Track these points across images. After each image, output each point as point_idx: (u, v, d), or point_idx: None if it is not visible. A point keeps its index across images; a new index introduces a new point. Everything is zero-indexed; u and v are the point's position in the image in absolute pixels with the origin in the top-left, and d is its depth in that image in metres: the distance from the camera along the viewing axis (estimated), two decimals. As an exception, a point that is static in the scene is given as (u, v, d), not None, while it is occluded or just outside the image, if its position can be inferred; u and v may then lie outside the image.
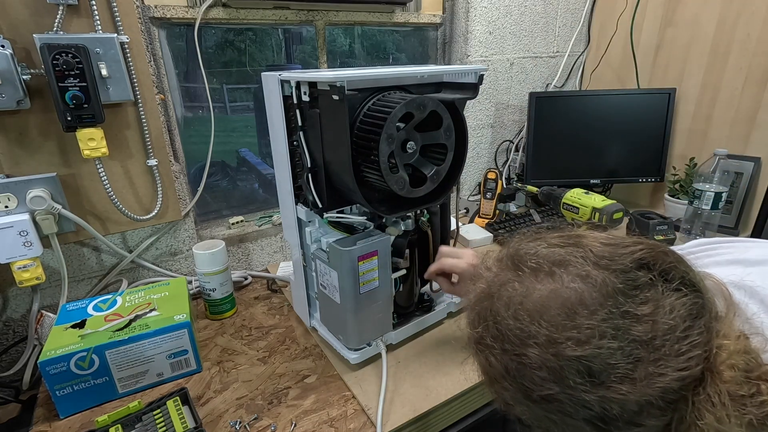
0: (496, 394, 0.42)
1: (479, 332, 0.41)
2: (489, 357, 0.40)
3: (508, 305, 0.39)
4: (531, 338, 0.37)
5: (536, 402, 0.38)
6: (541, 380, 0.37)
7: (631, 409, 0.35)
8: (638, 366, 0.34)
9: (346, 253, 0.63)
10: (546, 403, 0.37)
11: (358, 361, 0.70)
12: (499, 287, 0.41)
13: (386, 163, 0.56)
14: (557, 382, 0.36)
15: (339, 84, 0.53)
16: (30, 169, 0.76)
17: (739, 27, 1.13)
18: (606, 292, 0.36)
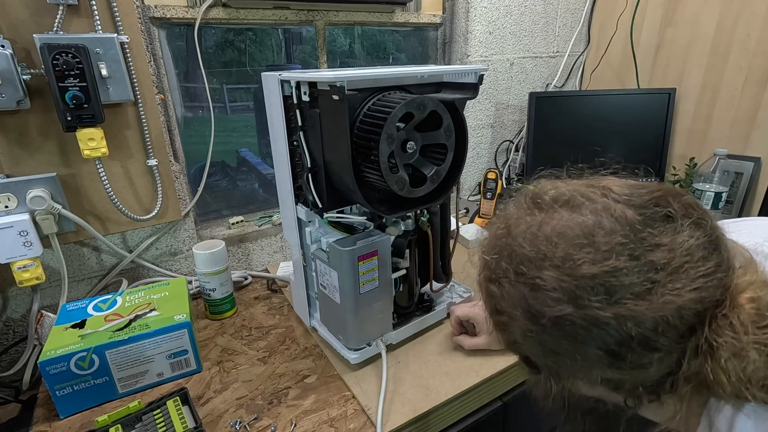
0: (506, 332, 0.42)
1: (493, 263, 0.41)
2: (502, 286, 0.40)
3: (526, 232, 0.39)
4: (547, 260, 0.37)
5: (547, 329, 0.37)
6: (554, 301, 0.36)
7: (647, 327, 0.34)
8: (655, 286, 0.34)
9: (346, 253, 0.63)
10: (558, 329, 0.37)
11: (358, 361, 0.70)
12: (516, 220, 0.41)
13: (386, 163, 0.56)
14: (571, 302, 0.35)
15: (339, 84, 0.53)
16: (30, 169, 0.76)
17: (739, 27, 1.13)
18: (624, 221, 0.36)
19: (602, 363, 0.37)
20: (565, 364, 0.39)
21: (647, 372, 0.37)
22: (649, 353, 0.35)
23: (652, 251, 0.35)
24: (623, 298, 0.34)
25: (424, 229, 0.75)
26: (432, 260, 0.78)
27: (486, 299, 0.44)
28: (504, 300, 0.40)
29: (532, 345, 0.40)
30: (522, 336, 0.40)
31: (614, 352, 0.36)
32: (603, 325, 0.35)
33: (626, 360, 0.36)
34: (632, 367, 0.36)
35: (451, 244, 0.83)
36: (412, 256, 0.75)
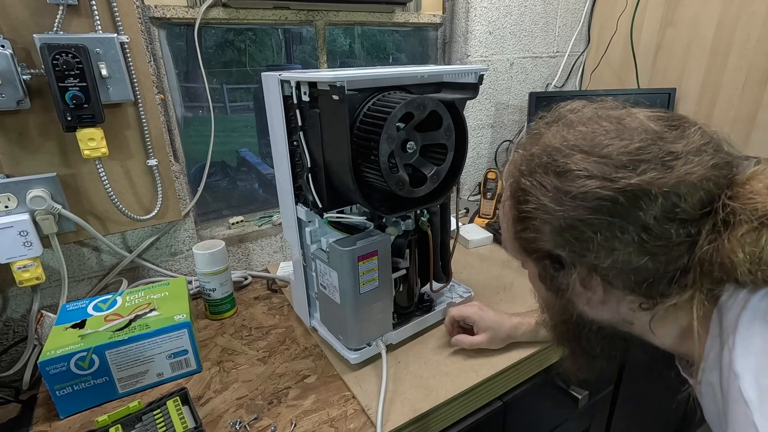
0: (530, 228, 0.44)
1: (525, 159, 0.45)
2: (533, 176, 0.43)
3: (556, 133, 0.44)
4: (576, 148, 0.41)
5: (575, 207, 0.39)
6: (582, 179, 0.39)
7: (669, 194, 0.37)
8: (675, 163, 0.38)
9: (346, 253, 0.63)
10: (585, 205, 0.39)
11: (358, 361, 0.70)
12: (547, 127, 0.46)
13: (386, 163, 0.56)
14: (598, 178, 0.38)
15: (339, 84, 0.53)
16: (30, 169, 0.76)
17: (739, 27, 1.13)
18: (647, 125, 0.41)
19: (626, 239, 0.39)
20: (589, 248, 0.40)
21: (669, 253, 0.38)
22: (671, 224, 0.38)
23: (671, 143, 0.39)
24: (647, 171, 0.38)
25: (424, 229, 0.75)
26: (432, 260, 0.78)
27: (512, 199, 0.46)
28: (533, 189, 0.42)
29: (557, 233, 0.42)
30: (548, 225, 0.42)
31: (638, 222, 0.38)
32: (627, 194, 0.38)
33: (650, 232, 0.38)
34: (656, 242, 0.38)
35: (451, 244, 0.83)
36: (412, 256, 0.75)
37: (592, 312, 0.47)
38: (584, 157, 0.40)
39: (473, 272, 1.00)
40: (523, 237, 0.46)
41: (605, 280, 0.42)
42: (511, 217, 0.47)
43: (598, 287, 0.43)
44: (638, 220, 0.38)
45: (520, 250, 0.49)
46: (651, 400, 1.21)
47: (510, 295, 0.90)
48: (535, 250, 0.45)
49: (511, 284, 0.94)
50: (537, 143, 0.45)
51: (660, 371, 1.17)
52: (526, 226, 0.44)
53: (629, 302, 0.44)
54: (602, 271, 0.41)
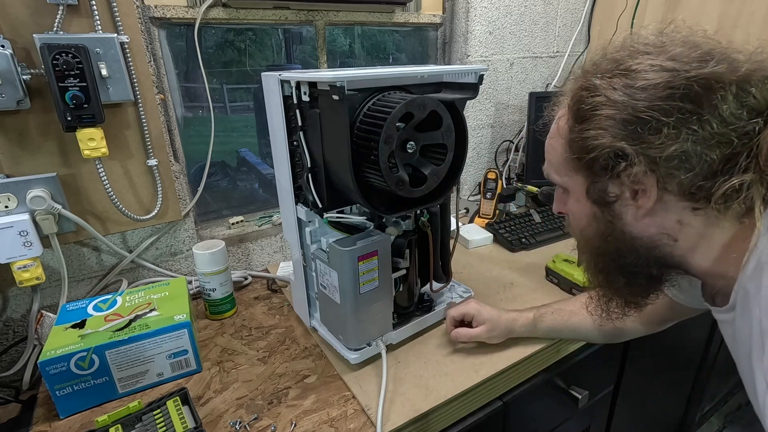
0: (593, 122, 0.44)
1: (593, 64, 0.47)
2: (603, 78, 0.44)
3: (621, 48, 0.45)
4: (641, 53, 0.43)
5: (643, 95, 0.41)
6: (650, 72, 0.41)
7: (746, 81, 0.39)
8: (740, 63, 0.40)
9: (346, 253, 0.63)
10: (653, 92, 0.40)
11: (358, 361, 0.70)
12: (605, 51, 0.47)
13: (386, 163, 0.56)
14: (670, 70, 0.40)
15: (339, 84, 0.53)
16: (30, 169, 0.76)
17: (739, 27, 1.13)
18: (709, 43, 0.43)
19: (696, 126, 0.39)
20: (657, 138, 0.40)
21: (736, 141, 0.39)
22: (741, 110, 0.39)
23: (735, 52, 0.41)
24: (718, 64, 0.39)
25: (424, 229, 0.75)
26: (432, 260, 0.78)
27: (574, 101, 0.47)
28: (602, 87, 0.43)
29: (623, 125, 0.42)
30: (613, 120, 0.42)
31: (711, 108, 0.39)
32: (701, 83, 0.39)
33: (721, 118, 0.39)
34: (726, 127, 0.39)
35: (451, 244, 0.83)
36: (412, 256, 0.75)
37: (637, 226, 0.47)
38: (654, 57, 0.42)
39: (473, 272, 1.00)
40: (584, 137, 0.45)
41: (662, 180, 0.42)
42: (569, 125, 0.48)
43: (652, 190, 0.43)
44: (711, 106, 0.39)
45: (571, 162, 0.49)
46: (651, 400, 1.21)
47: (510, 295, 0.90)
48: (593, 149, 0.44)
49: (511, 284, 0.94)
50: (603, 56, 0.46)
51: (660, 371, 1.17)
52: (588, 125, 0.44)
53: (680, 209, 0.44)
54: (663, 165, 0.41)
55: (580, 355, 0.83)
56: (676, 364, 1.23)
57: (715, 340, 1.27)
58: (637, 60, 0.42)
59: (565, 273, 0.91)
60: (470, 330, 0.73)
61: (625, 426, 1.13)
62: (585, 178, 0.48)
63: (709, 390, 1.43)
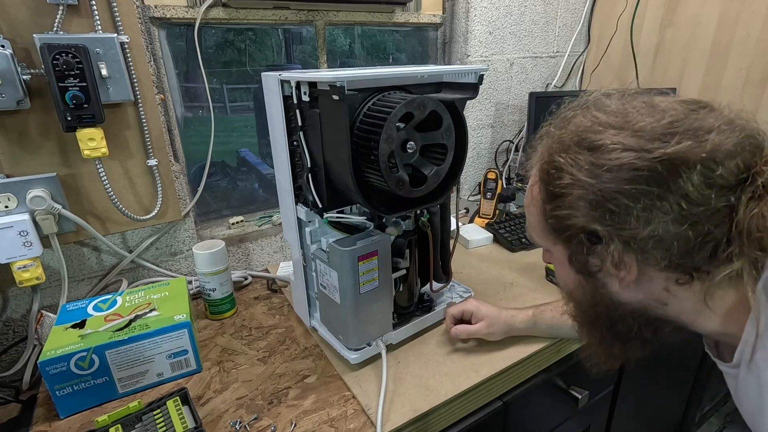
0: (563, 205, 0.44)
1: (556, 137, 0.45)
2: (567, 153, 0.43)
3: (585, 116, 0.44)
4: (607, 125, 0.42)
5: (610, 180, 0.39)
6: (616, 152, 0.40)
7: (706, 160, 0.38)
8: (708, 135, 0.38)
9: (346, 253, 0.63)
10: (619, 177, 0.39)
11: (358, 361, 0.70)
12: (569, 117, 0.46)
13: (386, 163, 0.56)
14: (632, 150, 0.39)
15: (339, 84, 0.53)
16: (30, 169, 0.76)
17: (739, 27, 1.13)
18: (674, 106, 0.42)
19: (665, 208, 0.38)
20: (627, 220, 0.40)
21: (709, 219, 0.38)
22: (709, 190, 0.38)
23: (702, 119, 0.40)
24: (681, 141, 0.38)
25: (424, 229, 0.75)
26: (432, 260, 0.78)
27: (543, 181, 0.46)
28: (567, 166, 0.42)
29: (593, 207, 0.41)
30: (583, 200, 0.42)
31: (677, 191, 0.38)
32: (664, 163, 0.38)
33: (689, 199, 0.38)
34: (696, 208, 0.38)
35: (451, 245, 0.83)
36: (412, 256, 0.75)
37: (623, 293, 0.46)
38: (617, 132, 0.40)
39: (473, 272, 1.00)
40: (556, 215, 0.45)
41: (640, 256, 0.41)
42: (541, 198, 0.47)
43: (633, 265, 0.42)
44: (677, 187, 0.38)
45: (550, 232, 0.48)
46: (651, 400, 1.21)
47: (510, 295, 0.90)
48: (568, 228, 0.44)
49: (511, 284, 0.94)
50: (566, 126, 0.45)
51: (660, 371, 1.17)
52: (560, 203, 0.44)
53: (664, 279, 0.43)
54: (639, 245, 0.40)
55: (580, 355, 0.83)
56: (676, 364, 1.23)
57: (715, 340, 1.27)
58: (600, 136, 0.41)
59: None
60: (469, 327, 0.74)
61: (625, 426, 1.13)
62: (565, 249, 0.48)
63: (709, 390, 1.43)
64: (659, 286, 0.44)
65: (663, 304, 0.45)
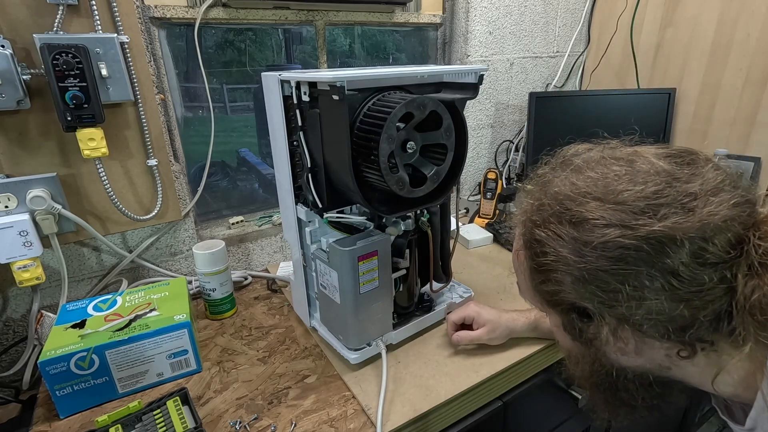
0: (551, 281, 0.42)
1: (535, 209, 0.43)
2: (547, 227, 0.41)
3: (565, 180, 0.42)
4: (588, 195, 0.39)
5: (596, 258, 0.38)
6: (600, 228, 0.37)
7: (695, 237, 0.35)
8: (696, 204, 0.36)
9: (346, 253, 0.63)
10: (607, 255, 0.37)
11: (358, 361, 0.70)
12: (552, 173, 0.44)
13: (386, 163, 0.56)
14: (617, 226, 0.37)
15: (339, 84, 0.53)
16: (30, 169, 0.76)
17: (739, 27, 1.13)
18: (658, 166, 0.39)
19: (655, 287, 0.36)
20: (617, 299, 0.38)
21: (704, 297, 0.36)
22: (702, 269, 0.36)
23: (687, 183, 0.37)
24: (668, 216, 0.36)
25: (424, 229, 0.75)
26: (432, 260, 0.77)
27: (528, 250, 0.44)
28: (550, 240, 0.41)
29: (580, 284, 0.40)
30: (569, 276, 0.40)
31: (666, 270, 0.36)
32: (651, 242, 0.36)
33: (681, 278, 0.36)
34: (689, 287, 0.36)
35: (451, 245, 0.83)
36: (412, 256, 0.75)
37: (625, 360, 0.45)
38: (599, 205, 0.38)
39: (473, 272, 1.00)
40: (544, 290, 0.44)
41: (638, 330, 0.40)
42: (528, 268, 0.45)
43: (630, 337, 0.41)
44: (666, 267, 0.36)
45: (541, 302, 0.46)
46: (651, 400, 1.20)
47: (510, 295, 0.90)
48: (558, 303, 0.43)
49: (511, 284, 0.94)
50: (546, 192, 0.43)
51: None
52: (546, 278, 0.42)
53: (666, 349, 0.41)
54: (634, 322, 0.39)
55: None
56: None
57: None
58: (582, 209, 0.39)
59: None
60: (471, 333, 0.73)
61: (625, 426, 1.13)
62: (559, 317, 0.46)
63: (709, 390, 1.43)
64: (660, 355, 0.42)
65: (667, 369, 0.44)
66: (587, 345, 0.45)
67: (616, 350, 0.43)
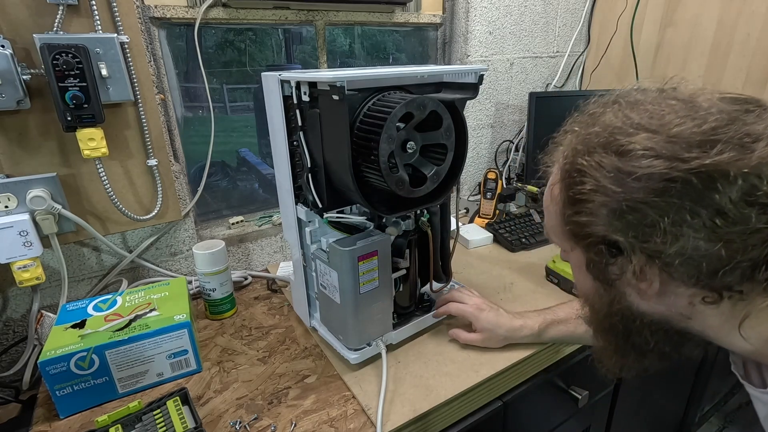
0: (585, 212, 0.40)
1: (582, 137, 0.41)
2: (591, 156, 0.39)
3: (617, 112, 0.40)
4: (640, 127, 0.37)
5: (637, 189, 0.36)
6: (647, 158, 0.36)
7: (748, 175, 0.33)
8: (753, 145, 0.34)
9: (346, 253, 0.63)
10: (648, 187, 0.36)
11: (358, 361, 0.70)
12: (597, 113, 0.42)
13: (386, 163, 0.56)
14: (665, 158, 0.35)
15: (339, 84, 0.53)
16: (30, 169, 0.76)
17: (739, 27, 1.13)
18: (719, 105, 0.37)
19: (696, 224, 0.35)
20: (653, 233, 0.36)
21: (746, 240, 0.34)
22: (750, 209, 0.34)
23: (750, 125, 0.35)
24: (723, 151, 0.34)
25: (424, 229, 0.75)
26: (432, 260, 0.77)
27: (565, 180, 0.43)
28: (591, 169, 0.39)
29: (616, 216, 0.38)
30: (605, 208, 0.38)
31: (712, 206, 0.34)
32: (701, 175, 0.34)
33: (726, 216, 0.34)
34: (732, 227, 0.34)
35: (451, 245, 0.82)
36: (412, 256, 0.75)
37: (644, 305, 0.43)
38: (650, 137, 0.36)
39: (473, 272, 1.00)
40: (575, 221, 0.42)
41: (665, 270, 0.38)
42: (561, 199, 0.44)
43: (656, 278, 0.39)
44: (713, 203, 0.34)
45: (568, 236, 0.45)
46: (651, 400, 1.21)
47: (510, 295, 0.90)
48: (587, 236, 0.41)
49: (511, 284, 0.94)
50: (595, 123, 0.41)
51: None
52: (580, 209, 0.41)
53: (690, 296, 0.39)
54: (664, 260, 0.37)
55: (580, 355, 0.83)
56: (676, 364, 1.23)
57: (715, 340, 1.27)
58: (631, 139, 0.37)
59: (565, 273, 0.91)
60: (468, 335, 0.74)
61: (625, 426, 1.13)
62: (583, 254, 0.45)
63: (709, 390, 1.43)
64: (683, 301, 0.40)
65: (686, 318, 0.42)
66: (608, 285, 0.44)
67: (638, 292, 0.42)
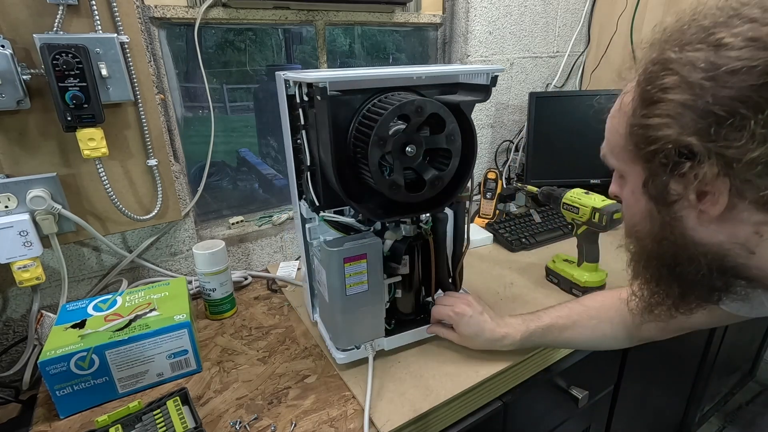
0: (665, 116, 0.36)
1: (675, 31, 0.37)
2: (683, 50, 0.35)
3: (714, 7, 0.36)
4: (740, 17, 0.33)
5: (726, 81, 0.32)
6: (741, 51, 0.32)
7: None
8: None
9: (332, 253, 0.63)
10: (749, 80, 0.32)
11: (344, 362, 0.70)
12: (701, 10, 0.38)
13: (376, 166, 0.55)
14: (764, 49, 0.31)
15: (321, 85, 0.53)
16: (30, 169, 0.76)
17: (739, 27, 1.13)
18: None
19: None
20: (736, 137, 0.32)
21: None
22: None
23: None
24: None
25: (426, 236, 0.72)
26: (433, 269, 0.75)
27: (646, 76, 0.39)
28: (679, 62, 0.35)
29: (697, 115, 0.34)
30: (685, 107, 0.34)
31: None
32: None
33: None
34: None
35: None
36: (415, 263, 0.73)
37: (700, 231, 0.39)
38: (758, 27, 0.32)
39: (473, 272, 1.00)
40: (647, 123, 0.37)
41: (737, 184, 0.34)
42: (633, 105, 0.40)
43: (723, 194, 0.35)
44: None
45: (630, 149, 0.41)
46: (651, 400, 1.21)
47: (510, 295, 0.90)
48: (655, 140, 0.37)
49: (511, 284, 0.94)
50: (694, 17, 0.37)
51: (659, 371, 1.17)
52: (655, 109, 0.37)
53: (757, 222, 0.35)
54: (742, 168, 0.33)
55: (580, 355, 0.83)
56: (676, 364, 1.23)
57: (715, 340, 1.27)
58: (735, 29, 0.33)
59: (565, 273, 0.91)
60: (446, 331, 0.74)
61: (625, 426, 1.13)
62: (643, 170, 0.40)
63: (709, 390, 1.43)
64: (748, 228, 0.36)
65: (749, 252, 0.37)
66: (664, 207, 0.40)
67: (697, 216, 0.38)
